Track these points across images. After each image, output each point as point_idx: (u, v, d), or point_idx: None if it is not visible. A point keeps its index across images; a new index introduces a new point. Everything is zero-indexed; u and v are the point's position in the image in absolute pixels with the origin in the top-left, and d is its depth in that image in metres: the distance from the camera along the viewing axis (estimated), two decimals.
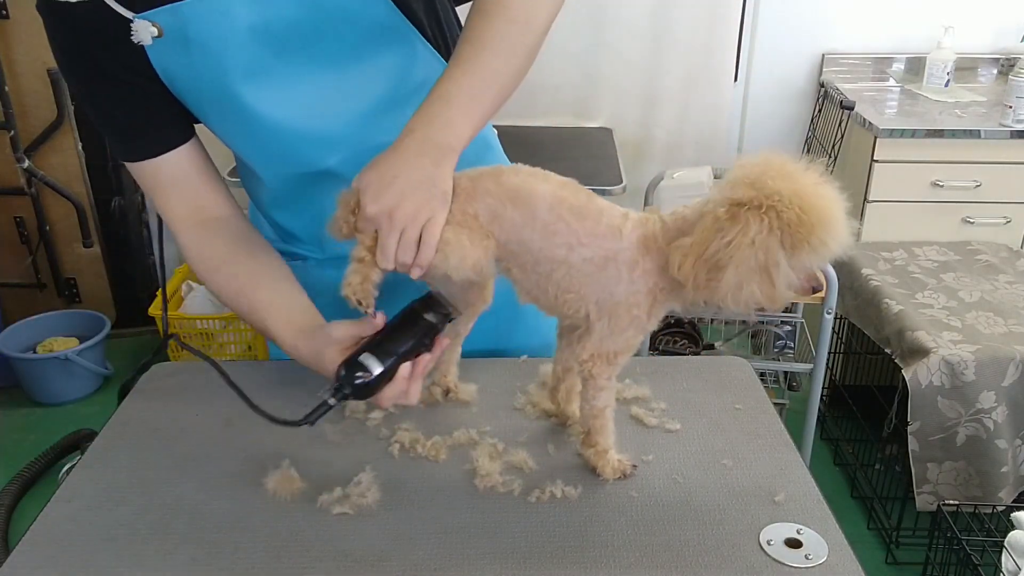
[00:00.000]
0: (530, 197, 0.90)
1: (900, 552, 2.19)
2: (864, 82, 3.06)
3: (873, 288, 2.30)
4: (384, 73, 1.02)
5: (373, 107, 1.03)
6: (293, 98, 1.00)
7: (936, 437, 2.02)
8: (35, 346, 2.94)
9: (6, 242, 3.08)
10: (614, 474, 0.97)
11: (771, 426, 1.08)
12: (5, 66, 2.83)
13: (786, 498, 0.94)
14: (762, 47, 3.05)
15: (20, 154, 2.90)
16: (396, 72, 1.03)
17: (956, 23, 2.87)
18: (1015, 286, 2.31)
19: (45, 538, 0.90)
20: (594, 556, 0.86)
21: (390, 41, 1.01)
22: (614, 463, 0.97)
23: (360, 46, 1.00)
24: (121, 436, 1.07)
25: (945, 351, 1.98)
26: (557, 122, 3.06)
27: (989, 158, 2.60)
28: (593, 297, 0.91)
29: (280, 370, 1.19)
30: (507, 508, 0.93)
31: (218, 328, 2.96)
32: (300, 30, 0.96)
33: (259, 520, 0.92)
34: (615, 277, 0.89)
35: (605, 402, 0.95)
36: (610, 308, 0.90)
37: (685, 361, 1.31)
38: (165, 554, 0.87)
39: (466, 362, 1.19)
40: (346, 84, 1.01)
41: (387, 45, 1.01)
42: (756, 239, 0.80)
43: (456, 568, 0.85)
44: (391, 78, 1.03)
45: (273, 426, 0.93)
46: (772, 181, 0.81)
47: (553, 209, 0.89)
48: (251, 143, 1.05)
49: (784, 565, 0.85)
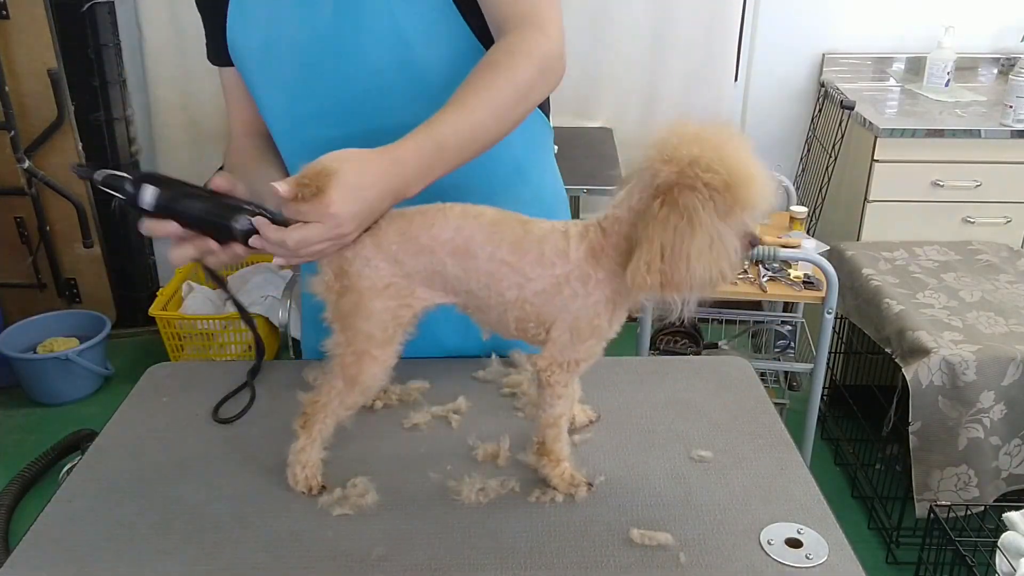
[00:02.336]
0: (466, 248, 0.88)
1: (900, 552, 2.19)
2: (864, 82, 3.06)
3: (874, 288, 2.30)
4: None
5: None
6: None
7: (937, 439, 2.02)
8: (35, 346, 2.94)
9: (6, 242, 3.08)
10: (567, 488, 0.94)
11: (771, 426, 1.08)
12: (5, 66, 2.84)
13: (786, 498, 0.94)
14: (762, 47, 3.05)
15: (20, 154, 2.91)
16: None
17: (956, 23, 2.87)
18: (1016, 286, 2.31)
19: (45, 538, 0.90)
20: (594, 556, 0.86)
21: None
22: (567, 476, 0.95)
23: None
24: (121, 436, 1.07)
25: (946, 351, 1.98)
26: (557, 122, 3.03)
27: (989, 158, 2.60)
28: (552, 318, 0.89)
29: (280, 370, 1.19)
30: (507, 508, 0.93)
31: (218, 328, 2.96)
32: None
33: (259, 520, 0.92)
34: (571, 296, 0.88)
35: (562, 410, 0.93)
36: (571, 323, 0.89)
37: (685, 361, 1.31)
38: (165, 554, 0.87)
39: (466, 362, 1.19)
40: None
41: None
42: (701, 219, 0.78)
43: (456, 568, 0.85)
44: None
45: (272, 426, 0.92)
46: (687, 148, 0.78)
47: (492, 256, 0.87)
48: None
49: (784, 565, 0.85)
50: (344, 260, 0.89)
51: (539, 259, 0.87)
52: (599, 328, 0.89)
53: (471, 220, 0.89)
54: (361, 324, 0.89)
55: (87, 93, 3.00)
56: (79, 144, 3.00)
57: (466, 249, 0.88)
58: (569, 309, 0.88)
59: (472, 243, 0.88)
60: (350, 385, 0.92)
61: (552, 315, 0.89)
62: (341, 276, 0.89)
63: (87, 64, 2.96)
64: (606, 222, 0.86)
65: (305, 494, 0.94)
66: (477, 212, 0.90)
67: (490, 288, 0.89)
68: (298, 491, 0.94)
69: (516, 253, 0.87)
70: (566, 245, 0.87)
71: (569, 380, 0.92)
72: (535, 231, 0.89)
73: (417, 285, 0.90)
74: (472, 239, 0.88)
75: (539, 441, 0.95)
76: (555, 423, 0.93)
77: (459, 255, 0.88)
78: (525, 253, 0.87)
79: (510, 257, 0.87)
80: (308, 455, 0.94)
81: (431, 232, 0.88)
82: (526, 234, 0.88)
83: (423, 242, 0.88)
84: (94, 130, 3.04)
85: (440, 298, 0.92)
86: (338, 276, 0.90)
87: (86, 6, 2.89)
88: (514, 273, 0.87)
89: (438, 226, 0.88)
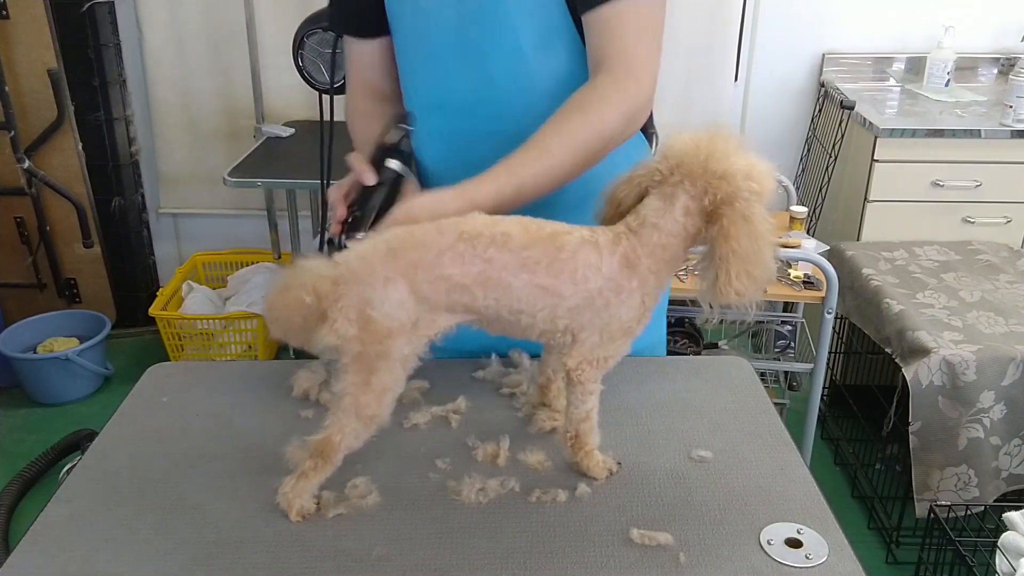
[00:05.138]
0: (499, 279, 0.86)
1: (900, 552, 2.19)
2: (864, 82, 3.06)
3: (874, 288, 2.30)
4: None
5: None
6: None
7: (937, 439, 2.02)
8: (35, 346, 2.94)
9: (6, 242, 3.08)
10: (603, 473, 0.97)
11: (771, 426, 1.08)
12: (5, 66, 2.83)
13: (786, 498, 0.94)
14: (762, 47, 3.05)
15: (20, 154, 2.90)
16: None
17: (956, 23, 2.87)
18: (1016, 286, 2.31)
19: (45, 538, 0.90)
20: (594, 556, 0.86)
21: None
22: (601, 463, 0.97)
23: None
24: (121, 436, 1.07)
25: (946, 351, 1.98)
26: None
27: (989, 158, 2.60)
28: (581, 328, 0.90)
29: (281, 370, 1.19)
30: (507, 508, 0.93)
31: (218, 328, 2.96)
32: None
33: (259, 520, 0.92)
34: (603, 306, 0.88)
35: (593, 403, 0.95)
36: (602, 327, 0.90)
37: (685, 361, 1.31)
38: (165, 554, 0.87)
39: (466, 362, 1.19)
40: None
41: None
42: (765, 224, 0.85)
43: (456, 568, 0.85)
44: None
45: (272, 426, 0.91)
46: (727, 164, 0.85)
47: (529, 283, 0.86)
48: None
49: (784, 565, 0.85)
50: (369, 306, 0.85)
51: (572, 276, 0.87)
52: (631, 330, 0.91)
53: (500, 249, 0.86)
54: (384, 365, 0.86)
55: (87, 93, 3.00)
56: (79, 144, 3.00)
57: (499, 280, 0.87)
58: (600, 317, 0.89)
59: (505, 273, 0.86)
60: (366, 424, 0.89)
61: (581, 325, 0.90)
62: (366, 325, 0.85)
63: (87, 64, 2.96)
64: (641, 230, 0.88)
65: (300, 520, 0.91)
66: (503, 237, 0.87)
67: (522, 312, 0.88)
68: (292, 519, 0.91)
69: (551, 275, 0.87)
70: (598, 257, 0.87)
71: (599, 376, 0.93)
72: (566, 246, 0.87)
73: (440, 314, 0.89)
74: (505, 268, 0.86)
75: (573, 435, 0.96)
76: (587, 417, 0.95)
77: (491, 286, 0.87)
78: (559, 273, 0.87)
79: (546, 280, 0.87)
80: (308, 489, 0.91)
81: (462, 268, 0.86)
82: (558, 251, 0.87)
83: (456, 280, 0.86)
84: (94, 130, 3.04)
85: (460, 320, 0.91)
86: (362, 327, 0.85)
87: (86, 6, 2.89)
88: (549, 295, 0.87)
89: (468, 261, 0.86)
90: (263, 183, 2.59)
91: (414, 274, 0.86)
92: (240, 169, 2.62)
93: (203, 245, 3.35)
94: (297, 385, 1.13)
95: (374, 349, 0.85)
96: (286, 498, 0.91)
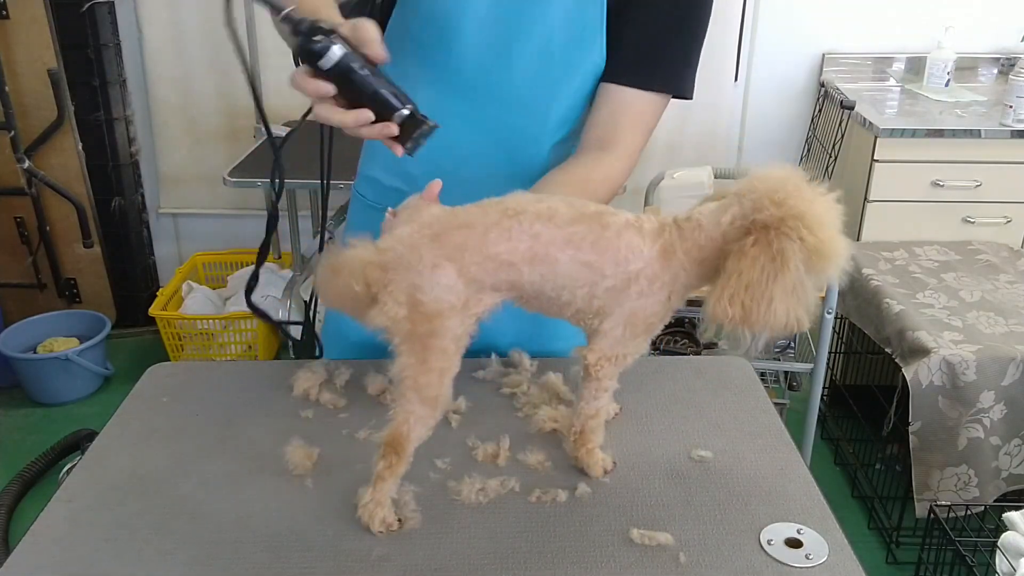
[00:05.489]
0: (546, 254, 0.86)
1: (900, 552, 2.19)
2: (864, 82, 3.07)
3: (874, 288, 2.30)
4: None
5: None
6: None
7: (937, 439, 2.02)
8: (35, 346, 2.94)
9: (6, 242, 3.08)
10: (600, 472, 0.97)
11: (771, 426, 1.08)
12: (5, 66, 2.84)
13: (786, 498, 0.94)
14: (762, 47, 3.05)
15: (20, 154, 2.91)
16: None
17: (956, 23, 2.87)
18: (1016, 286, 2.31)
19: (45, 538, 0.90)
20: (594, 556, 0.86)
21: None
22: (600, 461, 0.98)
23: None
24: (121, 436, 1.07)
25: (946, 351, 1.98)
26: None
27: (989, 158, 2.60)
28: (611, 311, 0.90)
29: (281, 370, 1.19)
30: (507, 508, 0.93)
31: (218, 328, 2.97)
32: None
33: (259, 520, 0.92)
34: (636, 293, 0.88)
35: (605, 402, 0.95)
36: (627, 317, 0.89)
37: (685, 361, 1.31)
38: (165, 554, 0.87)
39: (466, 362, 1.18)
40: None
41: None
42: (791, 265, 0.81)
43: (456, 568, 0.85)
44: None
45: (272, 426, 0.91)
46: (795, 202, 0.82)
47: (574, 259, 0.86)
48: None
49: (784, 565, 0.85)
50: (419, 291, 0.84)
51: (615, 257, 0.86)
52: (652, 326, 0.91)
53: (547, 224, 0.86)
54: (437, 343, 0.86)
55: (87, 93, 3.00)
56: (79, 144, 3.00)
57: (545, 255, 0.86)
58: (631, 305, 0.88)
59: (552, 248, 0.86)
60: (431, 406, 0.88)
61: (612, 308, 0.89)
62: (415, 307, 0.85)
63: (87, 64, 2.96)
64: (687, 224, 0.87)
65: (382, 533, 0.90)
66: (550, 212, 0.87)
67: (565, 288, 0.88)
68: (375, 531, 0.89)
69: (597, 251, 0.86)
70: (641, 241, 0.87)
71: (616, 373, 0.93)
72: (612, 225, 0.87)
73: (486, 292, 0.89)
74: (552, 243, 0.86)
75: (578, 431, 0.96)
76: (597, 414, 0.95)
77: (537, 262, 0.86)
78: (604, 251, 0.86)
79: (591, 256, 0.86)
80: (386, 493, 0.90)
81: (509, 244, 0.86)
82: (603, 229, 0.87)
83: (503, 258, 0.86)
84: (94, 130, 3.04)
85: (503, 297, 0.91)
86: (412, 308, 0.84)
87: (86, 6, 2.89)
88: (592, 273, 0.87)
89: (515, 237, 0.86)
90: (263, 183, 2.59)
91: (461, 256, 0.85)
92: (240, 169, 2.62)
93: (203, 245, 3.35)
94: (297, 385, 1.13)
95: (425, 327, 0.85)
96: (367, 510, 0.89)
